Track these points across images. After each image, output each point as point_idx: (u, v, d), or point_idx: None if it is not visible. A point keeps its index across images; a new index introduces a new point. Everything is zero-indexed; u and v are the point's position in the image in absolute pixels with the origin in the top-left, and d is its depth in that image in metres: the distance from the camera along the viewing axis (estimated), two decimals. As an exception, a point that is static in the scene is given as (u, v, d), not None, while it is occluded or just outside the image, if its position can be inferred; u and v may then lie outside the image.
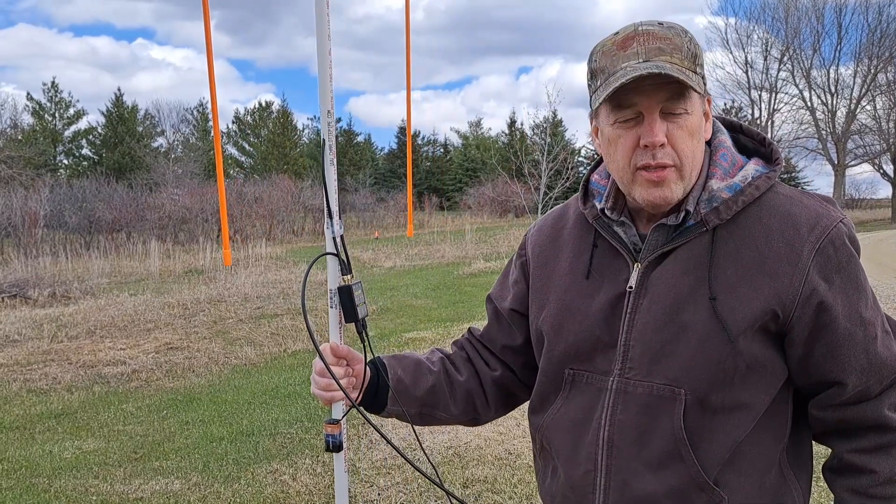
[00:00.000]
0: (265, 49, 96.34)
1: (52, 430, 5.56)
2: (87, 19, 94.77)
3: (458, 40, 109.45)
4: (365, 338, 1.36)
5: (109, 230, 25.55)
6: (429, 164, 60.96)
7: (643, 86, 1.10)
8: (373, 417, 1.39)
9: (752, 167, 1.19)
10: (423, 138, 62.72)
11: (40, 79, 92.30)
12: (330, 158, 1.35)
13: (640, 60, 1.10)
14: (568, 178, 14.95)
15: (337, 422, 1.36)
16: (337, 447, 1.38)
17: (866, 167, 35.00)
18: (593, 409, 1.20)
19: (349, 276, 1.35)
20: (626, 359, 1.17)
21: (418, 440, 1.62)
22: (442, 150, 61.27)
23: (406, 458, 1.34)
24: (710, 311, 1.11)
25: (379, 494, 4.08)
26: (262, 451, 4.91)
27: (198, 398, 6.34)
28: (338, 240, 1.35)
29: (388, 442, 1.36)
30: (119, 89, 63.37)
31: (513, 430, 5.01)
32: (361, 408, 1.39)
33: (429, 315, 10.20)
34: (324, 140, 1.34)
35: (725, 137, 1.23)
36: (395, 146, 60.32)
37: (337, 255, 1.35)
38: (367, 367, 1.39)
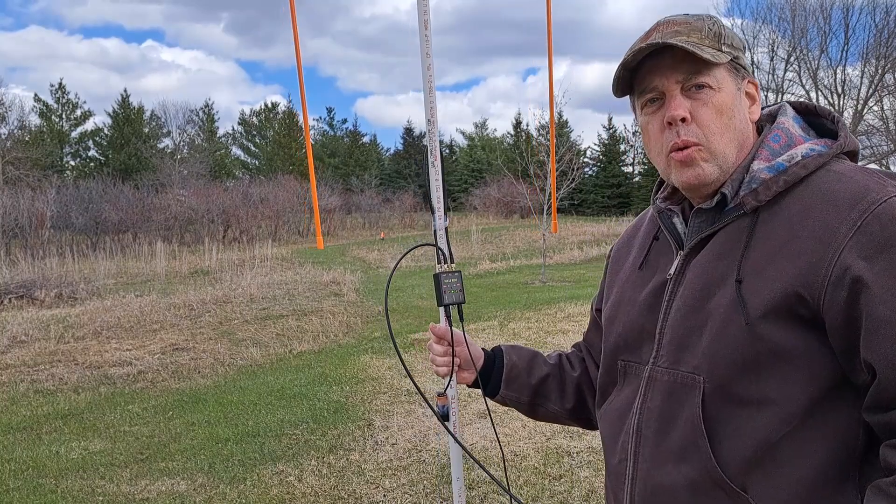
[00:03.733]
0: (273, 50, 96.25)
1: (58, 431, 5.58)
2: (97, 21, 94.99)
3: (465, 41, 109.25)
4: (451, 321, 1.50)
5: (115, 231, 25.65)
6: (435, 164, 60.73)
7: (661, 66, 1.10)
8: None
9: (807, 146, 1.10)
10: (429, 139, 62.52)
11: (50, 80, 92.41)
12: (431, 161, 1.53)
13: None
14: (574, 180, 14.90)
15: (442, 394, 1.54)
16: (443, 416, 1.54)
17: (874, 168, 34.79)
18: (634, 398, 1.19)
19: (445, 265, 1.52)
20: (660, 347, 1.15)
21: (460, 443, 1.62)
22: (448, 150, 61.19)
23: (477, 462, 1.34)
24: (735, 294, 1.04)
25: (384, 496, 4.07)
26: (268, 453, 4.91)
27: (203, 399, 6.34)
28: (440, 232, 1.53)
29: (458, 442, 1.36)
30: (125, 90, 63.42)
31: (518, 431, 5.00)
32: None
33: (434, 316, 10.16)
34: (426, 146, 1.54)
35: (786, 119, 1.16)
36: (401, 147, 60.42)
37: (436, 245, 1.53)
38: (485, 352, 1.50)
